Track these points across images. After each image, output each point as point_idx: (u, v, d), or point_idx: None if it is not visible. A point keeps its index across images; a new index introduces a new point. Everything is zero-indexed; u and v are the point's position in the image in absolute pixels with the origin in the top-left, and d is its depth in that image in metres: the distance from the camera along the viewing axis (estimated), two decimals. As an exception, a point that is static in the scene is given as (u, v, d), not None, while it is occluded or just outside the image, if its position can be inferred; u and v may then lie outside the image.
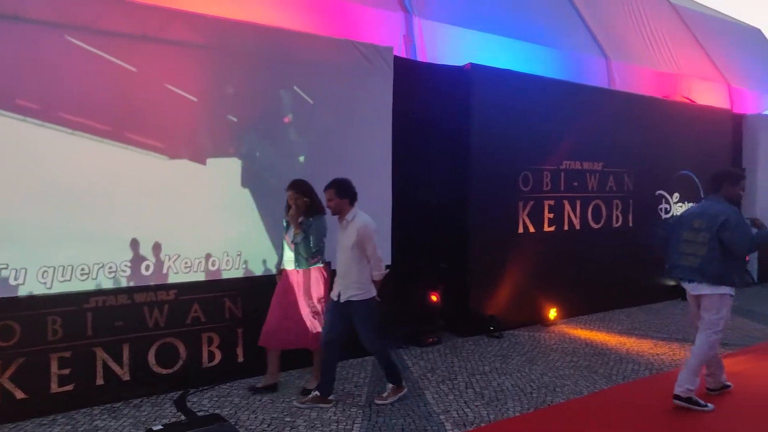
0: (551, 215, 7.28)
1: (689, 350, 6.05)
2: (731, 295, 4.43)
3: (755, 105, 13.42)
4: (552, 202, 7.28)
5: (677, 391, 4.43)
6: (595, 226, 7.81)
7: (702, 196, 9.30)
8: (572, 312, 7.54)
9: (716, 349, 4.52)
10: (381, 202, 5.83)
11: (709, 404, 4.43)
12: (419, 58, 7.18)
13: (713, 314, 4.42)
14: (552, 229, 7.30)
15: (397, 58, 6.04)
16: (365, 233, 4.34)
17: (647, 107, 8.69)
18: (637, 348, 6.18)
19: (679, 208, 9.01)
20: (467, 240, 6.57)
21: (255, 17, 5.35)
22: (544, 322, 7.15)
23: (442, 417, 4.30)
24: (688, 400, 4.40)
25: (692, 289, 4.57)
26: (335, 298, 4.47)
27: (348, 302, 4.41)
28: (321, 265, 4.72)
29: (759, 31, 16.84)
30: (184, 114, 4.82)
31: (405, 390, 4.66)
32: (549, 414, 4.40)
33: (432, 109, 6.84)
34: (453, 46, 7.51)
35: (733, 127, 10.09)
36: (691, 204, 9.16)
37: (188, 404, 4.50)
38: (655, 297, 8.62)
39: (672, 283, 8.76)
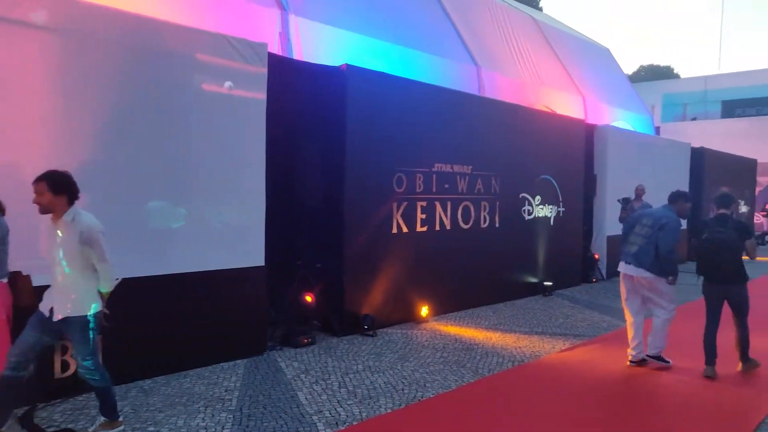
0: (423, 216, 7.51)
1: (548, 342, 6.54)
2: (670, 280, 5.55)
3: (605, 116, 14.73)
4: (424, 203, 7.51)
5: (649, 351, 5.69)
6: (465, 227, 8.16)
7: (560, 199, 10.05)
8: (443, 309, 7.82)
9: (670, 322, 5.64)
10: (254, 201, 5.69)
11: (669, 360, 5.68)
12: (295, 57, 7.12)
13: (662, 297, 5.57)
14: (424, 229, 7.53)
15: (272, 56, 5.93)
16: (90, 236, 3.63)
17: (513, 115, 9.22)
18: (502, 342, 6.53)
19: (540, 210, 9.66)
20: (342, 240, 6.60)
21: (116, 2, 5.00)
22: (417, 320, 7.35)
23: (314, 417, 4.27)
24: (658, 357, 5.67)
25: (631, 270, 5.64)
26: (46, 314, 3.71)
27: (64, 320, 3.68)
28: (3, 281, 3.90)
29: (608, 50, 18.51)
30: (27, 106, 4.38)
31: (121, 426, 3.97)
32: (419, 409, 4.52)
33: (308, 108, 6.80)
34: (329, 46, 7.53)
35: (586, 136, 10.95)
36: (551, 206, 9.87)
37: None
38: (519, 293, 9.17)
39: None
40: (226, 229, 5.50)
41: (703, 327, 5.51)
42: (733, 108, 32.02)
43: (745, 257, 5.38)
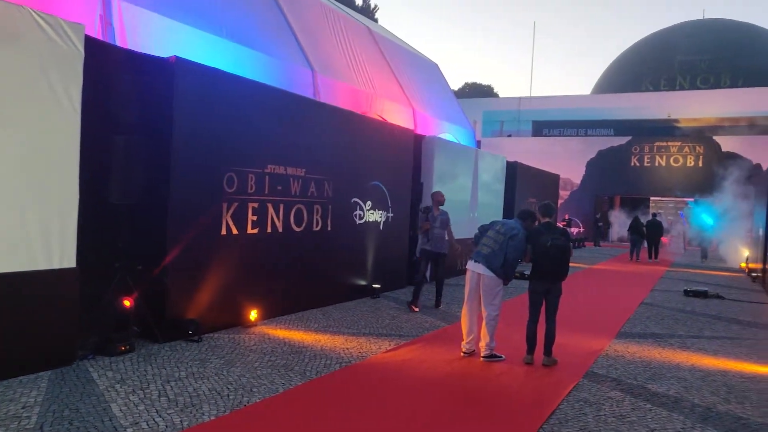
0: (255, 217, 7.38)
1: (375, 342, 6.75)
2: (504, 283, 6.28)
3: (432, 128, 15.62)
4: (256, 205, 7.38)
5: (483, 353, 6.24)
6: (297, 230, 8.16)
7: (389, 205, 10.45)
8: (273, 312, 7.73)
9: (498, 320, 6.27)
10: (65, 200, 5.17)
11: (503, 355, 6.29)
12: (119, 44, 6.62)
13: (493, 296, 6.22)
14: (255, 231, 7.39)
15: (90, 40, 5.45)
16: None
17: (347, 121, 9.42)
18: (331, 344, 6.62)
19: (371, 215, 9.97)
20: (166, 241, 6.25)
21: None
22: (246, 324, 7.19)
23: (129, 430, 3.98)
24: (492, 356, 6.22)
25: (479, 269, 6.23)
26: None
27: None
28: None
29: (437, 65, 19.67)
30: None
31: None
32: (245, 414, 4.42)
33: (131, 100, 6.35)
34: (157, 35, 7.11)
35: (414, 146, 11.53)
36: (381, 212, 10.22)
37: None
38: (349, 296, 9.37)
39: (369, 284, 9.65)
40: (28, 228, 4.93)
41: (525, 322, 6.31)
42: (541, 128, 35.75)
43: None
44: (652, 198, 30.82)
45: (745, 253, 17.98)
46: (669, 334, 8.12)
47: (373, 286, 9.85)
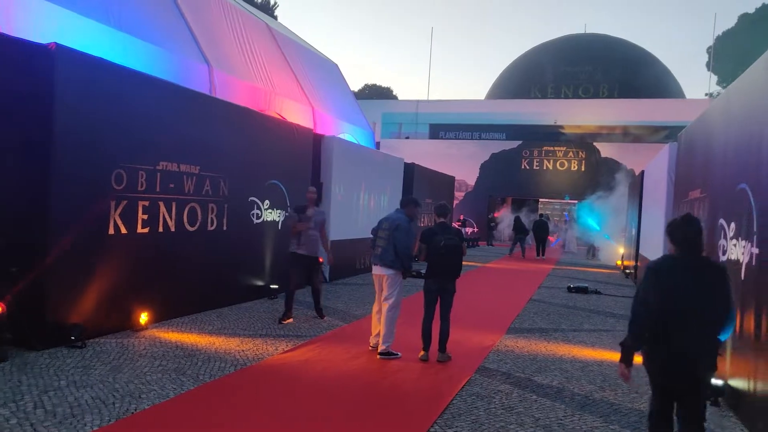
0: (146, 216, 7.03)
1: (272, 344, 6.65)
2: (402, 275, 6.43)
3: (332, 128, 15.63)
4: (147, 203, 7.04)
5: (380, 349, 6.31)
6: (191, 229, 7.87)
7: (288, 204, 10.34)
8: (166, 315, 7.42)
9: (397, 312, 6.40)
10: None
11: (399, 353, 6.36)
12: (-10, 26, 6.09)
13: (392, 290, 6.36)
14: (146, 230, 7.06)
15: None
16: None
17: (244, 118, 9.21)
18: (226, 346, 6.45)
19: (269, 214, 9.81)
20: (46, 241, 5.81)
21: None
22: (135, 327, 6.85)
23: (0, 446, 3.68)
24: (388, 353, 6.29)
25: (378, 270, 6.42)
26: None
27: None
28: None
29: (337, 66, 19.72)
30: None
31: None
32: (131, 423, 4.20)
33: (4, 91, 5.84)
34: (35, 19, 6.61)
35: (314, 145, 11.48)
36: (279, 211, 10.09)
37: None
38: (245, 296, 9.17)
39: (261, 283, 9.48)
40: None
41: (421, 320, 6.42)
42: (438, 130, 36.77)
43: None
44: (540, 200, 32.58)
45: (621, 251, 19.46)
46: (554, 328, 8.63)
47: (271, 286, 9.70)
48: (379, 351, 6.37)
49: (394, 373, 5.88)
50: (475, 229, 28.08)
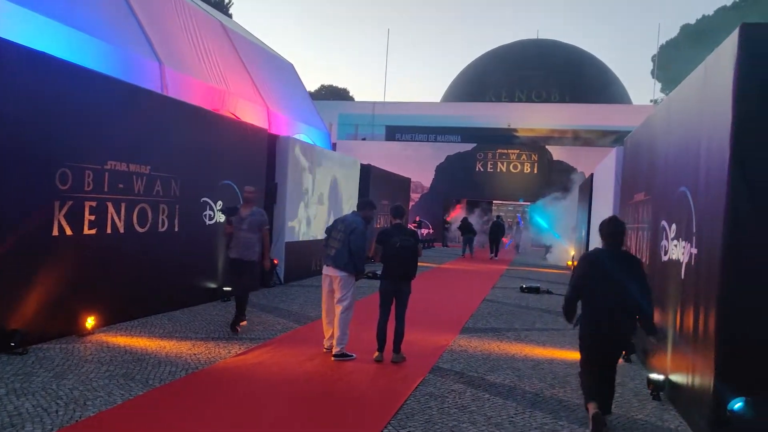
0: (93, 217, 6.83)
1: (224, 347, 6.56)
2: (355, 278, 6.42)
3: (287, 128, 15.51)
4: (94, 204, 6.84)
5: (334, 351, 6.29)
6: (141, 230, 7.68)
7: (241, 203, 10.19)
8: (114, 319, 7.22)
9: (351, 314, 6.39)
10: None
11: (353, 354, 6.36)
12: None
13: (346, 291, 6.33)
14: (93, 232, 6.85)
15: None
16: None
17: (197, 117, 9.05)
18: (177, 350, 6.32)
19: (222, 215, 9.66)
20: (-15, 243, 5.58)
21: None
22: (81, 332, 6.64)
23: (-66, 458, 3.51)
24: (342, 354, 6.28)
25: (330, 271, 6.39)
26: None
27: None
28: None
29: (292, 66, 19.58)
30: None
31: None
32: (75, 431, 4.07)
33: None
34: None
35: (269, 146, 11.37)
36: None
37: None
38: (197, 299, 9.00)
39: (215, 286, 9.32)
40: None
41: (377, 321, 6.42)
42: (394, 132, 36.91)
43: None
44: (495, 201, 33.10)
45: (572, 252, 19.94)
46: (507, 327, 8.78)
47: (225, 288, 9.55)
48: (333, 353, 6.35)
49: (349, 374, 5.88)
50: (431, 231, 28.32)
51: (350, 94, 58.40)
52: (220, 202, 9.58)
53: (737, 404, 3.91)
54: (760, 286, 4.03)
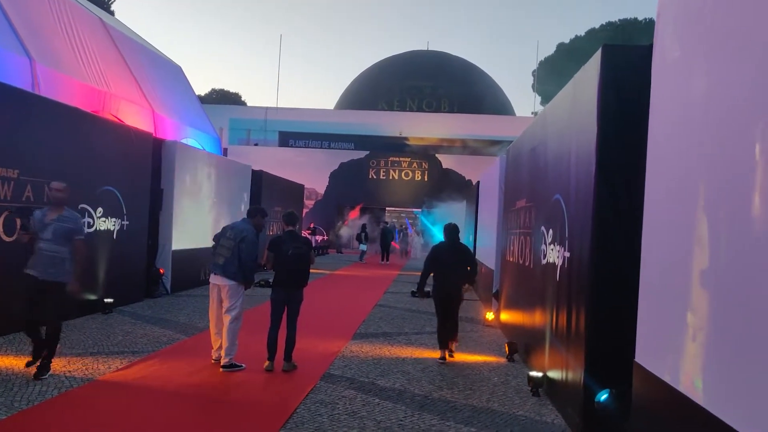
0: (-50, 226, 6.21)
1: (104, 362, 6.20)
2: (244, 287, 6.34)
3: (174, 132, 14.94)
4: (-48, 211, 6.22)
5: (223, 362, 6.14)
6: (8, 240, 7.09)
7: (124, 212, 9.68)
8: (-26, 338, 6.59)
9: (240, 324, 6.29)
10: None
11: (243, 364, 6.23)
12: None
13: (234, 300, 6.20)
14: (-50, 242, 6.23)
15: None
16: None
17: (74, 119, 8.50)
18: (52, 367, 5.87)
19: (102, 223, 9.12)
20: None
21: None
22: (-65, 354, 6.00)
23: None
24: (231, 365, 6.13)
25: (218, 280, 6.23)
26: None
27: None
28: None
29: (180, 68, 18.89)
30: None
31: None
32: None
33: None
34: None
35: (154, 150, 10.88)
36: (114, 219, 9.41)
37: None
38: (75, 313, 8.40)
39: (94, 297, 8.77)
40: None
41: (267, 330, 6.33)
42: (287, 138, 36.57)
43: None
44: (387, 208, 33.67)
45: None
46: (397, 332, 8.96)
47: (105, 300, 9.01)
48: (222, 364, 6.19)
49: (238, 385, 5.75)
50: (325, 237, 28.31)
51: (242, 99, 57.10)
52: (100, 209, 9.04)
53: (603, 396, 4.24)
54: (621, 285, 4.41)
